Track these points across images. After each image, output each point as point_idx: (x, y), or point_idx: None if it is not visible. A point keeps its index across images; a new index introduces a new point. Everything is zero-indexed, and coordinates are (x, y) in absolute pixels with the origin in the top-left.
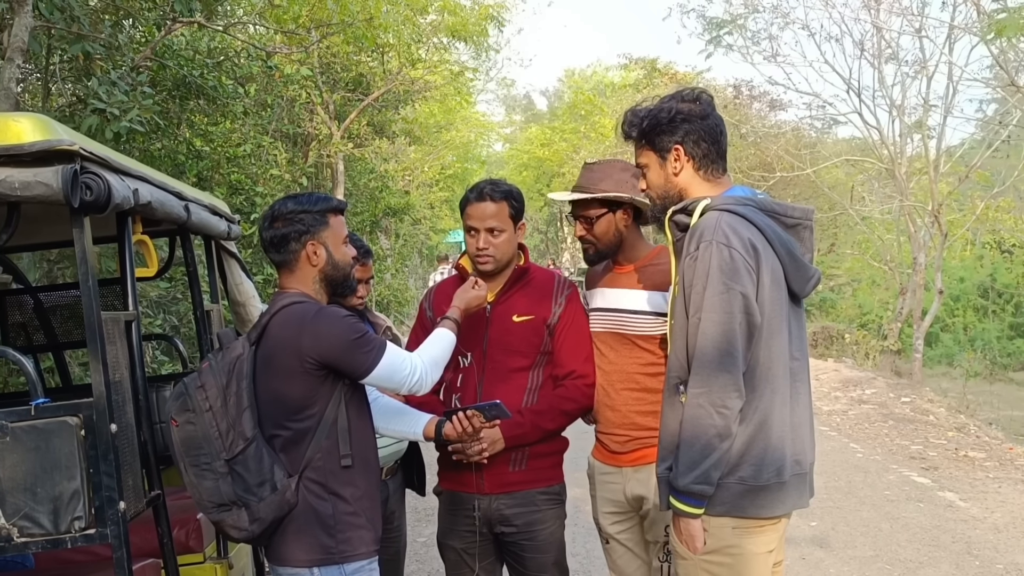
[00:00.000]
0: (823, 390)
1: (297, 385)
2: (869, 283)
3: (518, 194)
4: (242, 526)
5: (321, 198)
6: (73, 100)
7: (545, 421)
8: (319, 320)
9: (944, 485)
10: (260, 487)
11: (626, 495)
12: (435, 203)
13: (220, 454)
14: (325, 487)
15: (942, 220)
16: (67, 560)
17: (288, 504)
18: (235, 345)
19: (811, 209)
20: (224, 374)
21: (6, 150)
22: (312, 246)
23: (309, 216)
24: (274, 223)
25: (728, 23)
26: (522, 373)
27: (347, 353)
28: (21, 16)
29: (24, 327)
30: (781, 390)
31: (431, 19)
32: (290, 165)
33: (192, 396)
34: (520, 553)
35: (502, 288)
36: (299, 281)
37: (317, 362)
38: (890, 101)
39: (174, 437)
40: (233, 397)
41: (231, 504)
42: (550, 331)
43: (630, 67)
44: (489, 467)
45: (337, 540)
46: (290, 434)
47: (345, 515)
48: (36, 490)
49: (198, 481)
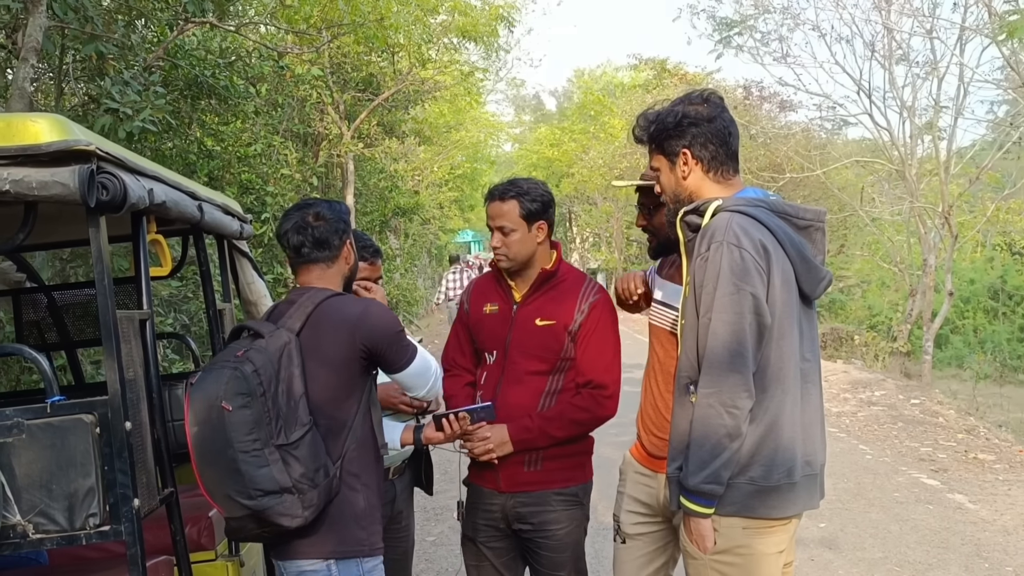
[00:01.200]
0: (832, 391)
1: (344, 373)
2: (879, 285)
3: (537, 193)
4: (295, 513)
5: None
6: (86, 100)
7: (553, 428)
8: (373, 307)
9: (953, 487)
10: (317, 472)
11: (659, 501)
12: (444, 203)
13: (271, 440)
14: (359, 478)
15: (952, 222)
16: (81, 557)
17: (335, 491)
18: (279, 333)
19: (823, 211)
20: (276, 360)
21: (24, 150)
22: (349, 246)
23: (346, 218)
24: (316, 222)
25: (738, 24)
26: (540, 377)
27: (393, 345)
28: (35, 16)
29: (38, 325)
30: (792, 391)
31: (441, 19)
32: (300, 165)
33: (248, 379)
34: (536, 551)
35: (528, 290)
36: (329, 279)
37: (368, 350)
38: (901, 102)
39: (226, 422)
40: (284, 384)
41: (282, 491)
42: (572, 337)
43: (640, 68)
44: (504, 466)
45: (368, 532)
46: (330, 423)
47: (372, 508)
48: (51, 487)
49: (250, 468)
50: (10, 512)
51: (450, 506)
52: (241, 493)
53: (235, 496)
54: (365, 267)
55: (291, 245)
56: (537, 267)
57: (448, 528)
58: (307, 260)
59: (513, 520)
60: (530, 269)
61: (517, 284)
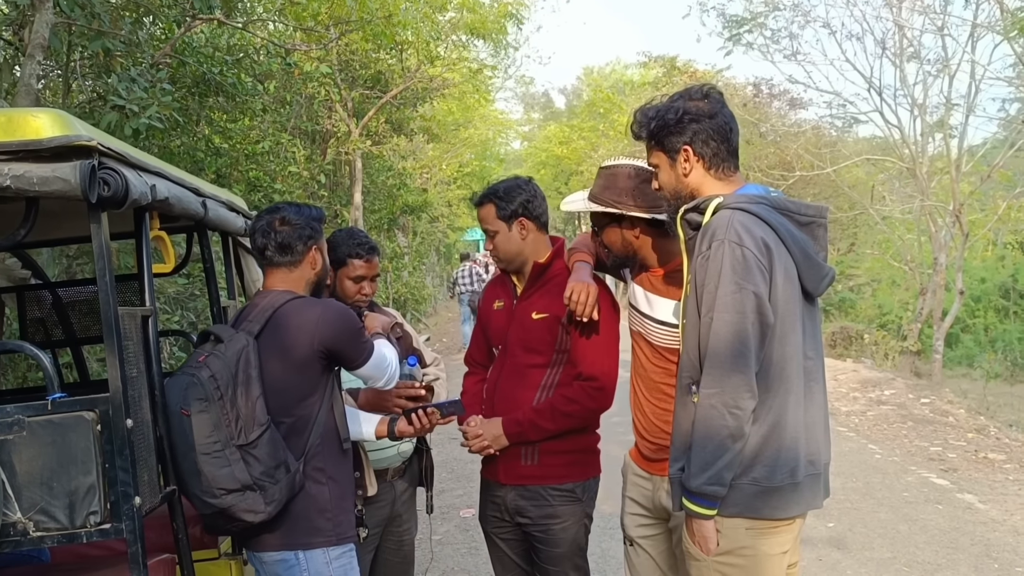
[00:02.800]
0: (841, 390)
1: (304, 372)
2: (889, 283)
3: (505, 192)
4: (258, 509)
5: (318, 210)
6: (93, 96)
7: (543, 420)
8: (329, 310)
9: (963, 487)
10: (277, 469)
11: (655, 503)
12: (453, 201)
13: (231, 440)
14: (324, 471)
15: (963, 220)
16: (83, 555)
17: (298, 485)
18: (237, 337)
19: (825, 207)
20: (232, 364)
21: (25, 145)
22: (315, 252)
23: (315, 224)
24: (281, 227)
25: (748, 21)
26: (538, 370)
27: (350, 344)
28: (42, 13)
29: (43, 322)
30: (795, 390)
31: (450, 16)
32: (308, 162)
33: (205, 385)
34: (536, 544)
35: (525, 285)
36: (293, 283)
37: (326, 350)
38: (911, 100)
39: (186, 427)
40: (242, 386)
41: (244, 489)
42: (566, 329)
43: (649, 65)
44: (504, 458)
45: (335, 523)
46: (293, 420)
47: (339, 499)
48: (52, 485)
49: (211, 469)
50: (11, 509)
51: (456, 505)
52: (206, 492)
53: (201, 495)
54: (361, 265)
55: (256, 247)
56: (532, 262)
57: (454, 527)
58: (270, 263)
59: (514, 513)
60: (527, 265)
61: (519, 281)
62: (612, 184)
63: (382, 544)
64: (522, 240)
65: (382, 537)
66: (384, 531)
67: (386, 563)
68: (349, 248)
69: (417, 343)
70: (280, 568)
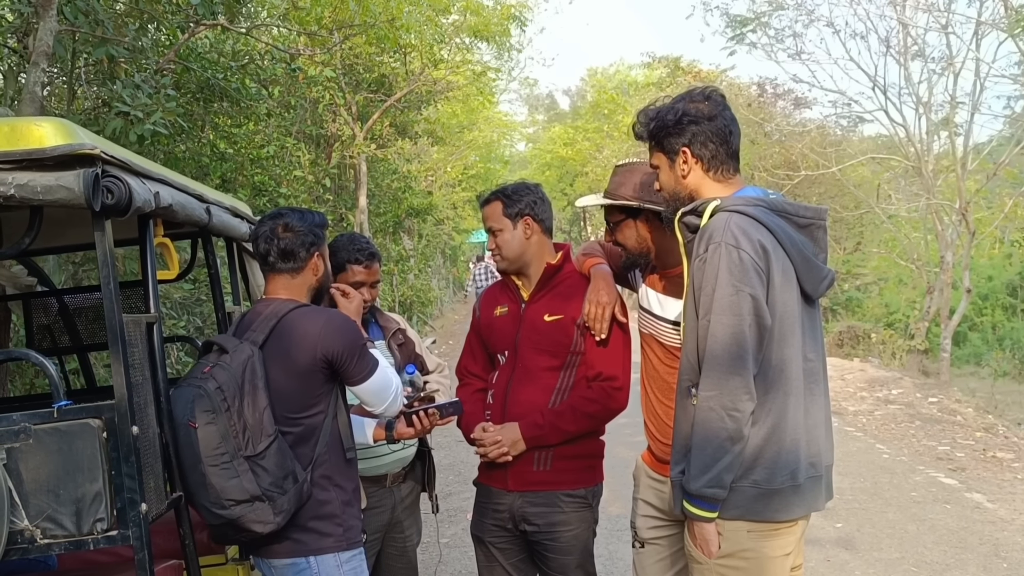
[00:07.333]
0: (849, 390)
1: (309, 382)
2: (896, 282)
3: (512, 191)
4: (267, 519)
5: (320, 216)
6: (98, 103)
7: (565, 422)
8: (333, 321)
9: (972, 486)
10: (285, 480)
11: (671, 505)
12: (458, 203)
13: (239, 452)
14: (331, 479)
15: (970, 218)
16: (90, 561)
17: (306, 495)
18: (242, 347)
19: (824, 209)
20: (238, 375)
21: (28, 154)
22: (318, 258)
23: (318, 231)
24: (284, 233)
25: (752, 21)
26: (551, 373)
27: (352, 358)
28: (46, 20)
29: (49, 329)
30: (795, 392)
31: (453, 19)
32: (313, 166)
33: (212, 396)
34: (543, 552)
35: (535, 288)
36: (295, 290)
37: (328, 361)
38: (916, 98)
39: (193, 439)
40: (249, 397)
41: (253, 500)
42: (581, 331)
43: (653, 66)
44: (514, 465)
45: (344, 528)
46: (300, 430)
47: (345, 505)
48: (59, 492)
49: (220, 480)
50: (18, 517)
51: (464, 508)
52: (215, 504)
53: (210, 507)
54: (360, 271)
55: (259, 253)
56: (538, 265)
57: (462, 530)
58: (273, 269)
59: (520, 520)
60: (532, 268)
61: (524, 284)
62: (628, 180)
63: (384, 550)
64: (526, 239)
65: (384, 543)
66: (385, 537)
67: (390, 569)
68: (349, 254)
69: (420, 349)
70: (291, 572)
